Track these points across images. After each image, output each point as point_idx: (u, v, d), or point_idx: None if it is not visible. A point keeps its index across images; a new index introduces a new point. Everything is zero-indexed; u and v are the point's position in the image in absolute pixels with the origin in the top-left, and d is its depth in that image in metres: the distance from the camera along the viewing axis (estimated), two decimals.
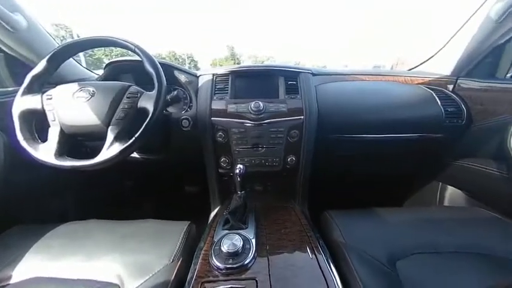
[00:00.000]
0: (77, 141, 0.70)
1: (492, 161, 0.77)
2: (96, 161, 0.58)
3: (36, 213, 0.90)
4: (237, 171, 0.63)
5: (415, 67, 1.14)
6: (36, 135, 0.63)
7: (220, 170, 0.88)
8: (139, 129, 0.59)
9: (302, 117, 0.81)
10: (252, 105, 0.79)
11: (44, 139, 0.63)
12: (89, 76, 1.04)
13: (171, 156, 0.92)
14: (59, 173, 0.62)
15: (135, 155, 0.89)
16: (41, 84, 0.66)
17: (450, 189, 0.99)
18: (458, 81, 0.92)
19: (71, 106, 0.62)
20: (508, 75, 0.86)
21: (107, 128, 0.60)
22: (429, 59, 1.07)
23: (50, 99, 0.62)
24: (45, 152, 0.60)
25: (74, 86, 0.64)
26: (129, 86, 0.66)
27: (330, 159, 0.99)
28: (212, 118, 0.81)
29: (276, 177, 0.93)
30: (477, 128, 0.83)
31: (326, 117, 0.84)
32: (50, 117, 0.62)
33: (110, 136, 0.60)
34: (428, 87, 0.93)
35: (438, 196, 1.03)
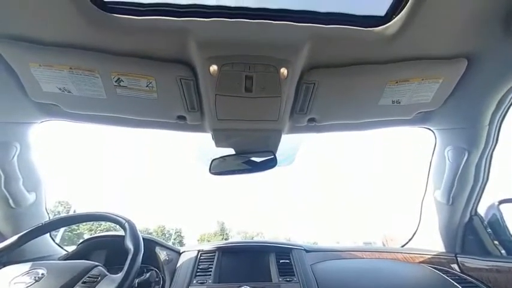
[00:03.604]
0: None
1: None
2: None
3: None
4: None
5: (405, 244, 1.13)
6: None
7: None
8: None
9: None
10: None
11: None
12: (55, 253, 0.91)
13: None
14: None
15: None
16: None
17: None
18: (459, 259, 0.87)
19: None
20: (503, 252, 0.84)
21: None
22: (414, 235, 1.10)
23: None
24: None
25: (23, 268, 0.54)
26: (94, 266, 0.57)
27: None
28: None
29: None
30: None
31: None
32: None
33: None
34: (432, 267, 0.85)
35: None
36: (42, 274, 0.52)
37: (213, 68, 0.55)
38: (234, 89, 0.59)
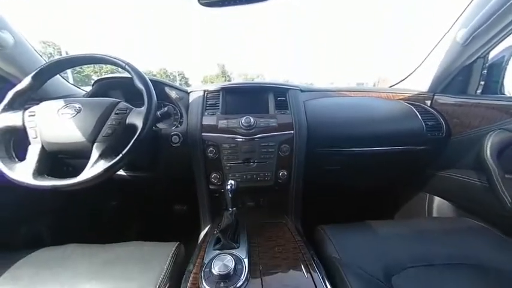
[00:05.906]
0: (59, 160, 0.66)
1: (473, 171, 0.81)
2: (79, 180, 0.55)
3: (7, 238, 0.82)
4: (228, 187, 0.62)
5: (395, 84, 1.22)
6: (14, 154, 0.60)
7: (211, 187, 0.86)
8: (127, 145, 0.57)
9: (292, 131, 0.83)
10: (243, 120, 0.80)
11: (22, 158, 0.60)
12: (75, 93, 1.02)
13: (160, 174, 0.89)
14: (35, 195, 0.57)
15: (121, 172, 0.86)
16: (24, 101, 0.64)
17: (438, 200, 1.02)
18: (435, 97, 1.00)
19: (55, 123, 0.59)
20: (478, 91, 0.94)
21: (92, 145, 0.58)
22: (407, 77, 1.16)
23: (33, 115, 0.60)
24: (23, 172, 0.56)
25: (60, 103, 0.62)
26: (118, 102, 0.65)
27: (320, 173, 1.00)
28: (203, 134, 0.81)
29: (268, 192, 0.92)
30: (456, 140, 0.89)
31: (315, 131, 0.86)
32: (31, 134, 0.59)
33: (95, 153, 0.57)
34: (408, 102, 0.99)
35: (427, 207, 1.05)
36: (79, 107, 0.61)
37: None
38: None
